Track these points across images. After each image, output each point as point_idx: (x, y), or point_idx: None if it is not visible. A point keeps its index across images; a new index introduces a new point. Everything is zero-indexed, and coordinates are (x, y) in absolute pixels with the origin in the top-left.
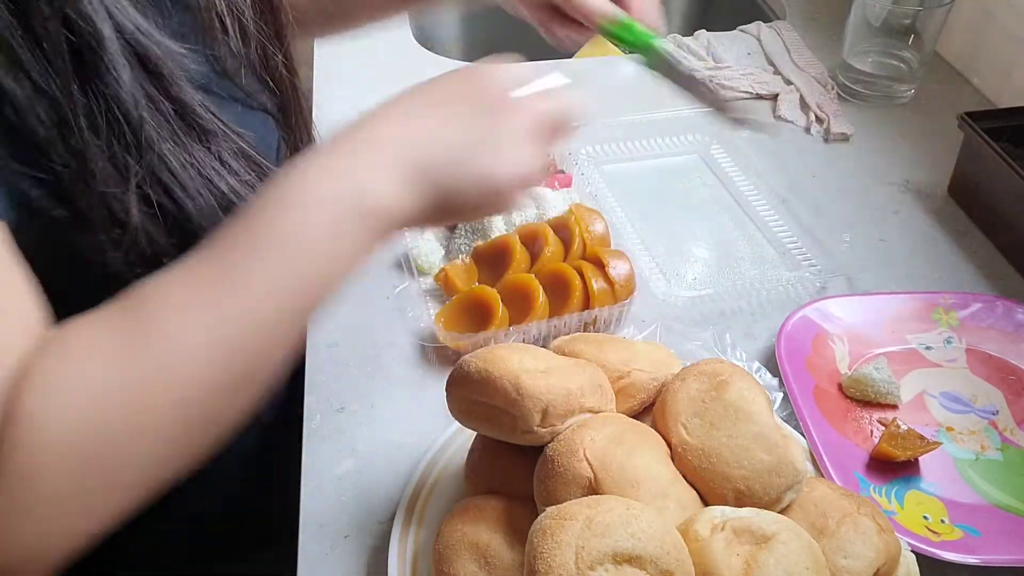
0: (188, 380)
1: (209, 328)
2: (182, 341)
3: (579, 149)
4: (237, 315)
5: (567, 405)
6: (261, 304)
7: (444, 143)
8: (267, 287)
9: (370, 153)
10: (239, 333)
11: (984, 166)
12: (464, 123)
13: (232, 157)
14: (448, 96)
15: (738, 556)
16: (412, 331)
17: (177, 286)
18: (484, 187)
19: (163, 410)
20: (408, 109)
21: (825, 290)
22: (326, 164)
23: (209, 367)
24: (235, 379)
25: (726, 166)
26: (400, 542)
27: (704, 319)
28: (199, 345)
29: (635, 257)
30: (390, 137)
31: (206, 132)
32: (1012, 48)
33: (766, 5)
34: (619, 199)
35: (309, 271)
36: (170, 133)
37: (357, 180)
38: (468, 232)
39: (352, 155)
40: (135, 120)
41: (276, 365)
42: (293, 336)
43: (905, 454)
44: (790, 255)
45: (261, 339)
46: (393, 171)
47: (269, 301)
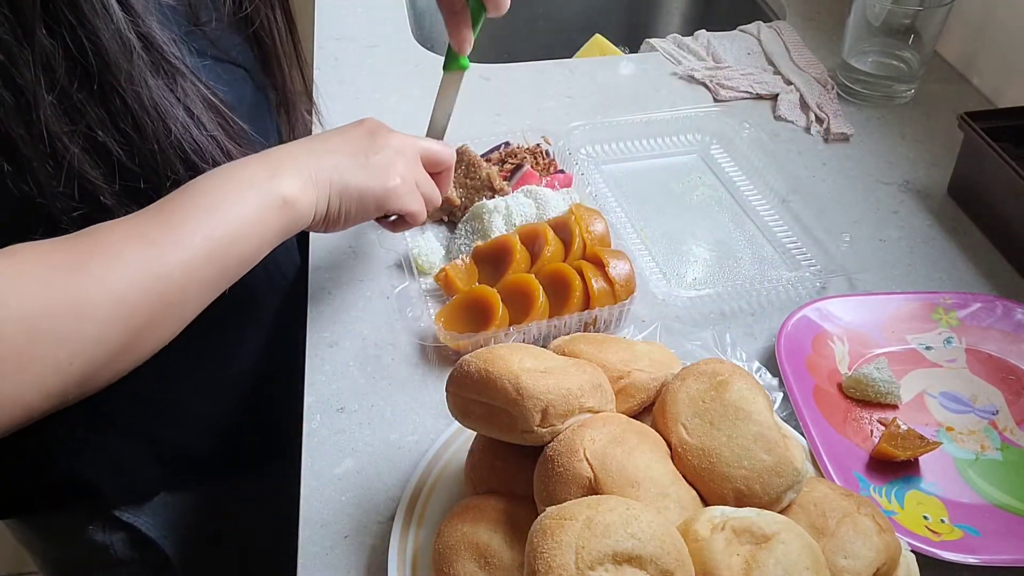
0: (127, 281)
1: (146, 260)
2: (121, 264)
3: (579, 149)
4: (171, 254)
5: (567, 405)
6: (193, 252)
7: (337, 156)
8: (199, 240)
9: (286, 163)
10: (171, 271)
11: (984, 166)
12: (354, 146)
13: (197, 104)
14: (342, 131)
15: (738, 556)
16: (412, 331)
17: (124, 225)
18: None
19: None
20: (315, 140)
21: (825, 290)
22: (255, 165)
23: (140, 291)
24: (163, 298)
25: (726, 166)
26: (400, 542)
27: (704, 319)
28: (135, 270)
29: (635, 257)
30: (300, 154)
31: (173, 71)
32: (1012, 48)
33: (766, 5)
34: (619, 199)
35: (235, 236)
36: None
37: (273, 174)
38: (468, 232)
39: (275, 162)
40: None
41: (195, 307)
42: (211, 287)
43: (905, 454)
44: (790, 255)
45: (187, 279)
46: (298, 171)
47: (200, 251)
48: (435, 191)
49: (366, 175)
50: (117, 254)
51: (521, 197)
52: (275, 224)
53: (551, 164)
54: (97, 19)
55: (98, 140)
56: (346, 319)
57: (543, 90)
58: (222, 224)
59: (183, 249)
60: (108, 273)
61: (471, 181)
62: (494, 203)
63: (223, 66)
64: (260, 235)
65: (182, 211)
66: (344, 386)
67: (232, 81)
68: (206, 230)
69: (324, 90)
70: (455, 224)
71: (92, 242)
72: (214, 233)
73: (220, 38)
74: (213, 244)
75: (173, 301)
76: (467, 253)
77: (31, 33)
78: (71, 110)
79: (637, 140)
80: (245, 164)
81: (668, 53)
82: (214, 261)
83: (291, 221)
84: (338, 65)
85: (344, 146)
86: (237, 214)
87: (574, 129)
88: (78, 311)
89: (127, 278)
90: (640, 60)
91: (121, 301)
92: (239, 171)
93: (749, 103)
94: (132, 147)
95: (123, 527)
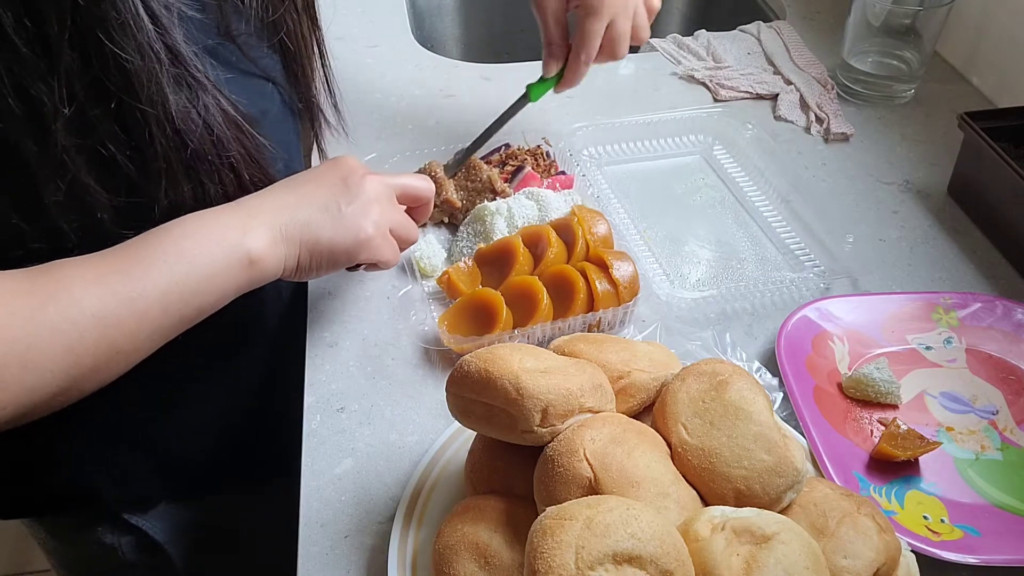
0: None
1: (104, 298)
2: (80, 301)
3: (581, 150)
4: (128, 296)
5: (567, 405)
6: (150, 303)
7: (312, 207)
8: (157, 282)
9: (254, 214)
10: (126, 311)
11: (984, 166)
12: (328, 193)
13: (217, 120)
14: (317, 176)
15: (738, 556)
16: (412, 331)
17: (87, 269)
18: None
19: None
20: (286, 186)
21: (829, 291)
22: (227, 219)
23: (97, 328)
24: (112, 346)
25: (728, 167)
26: (400, 542)
27: (707, 320)
28: (93, 308)
29: (638, 258)
30: (274, 208)
31: (196, 85)
32: (1012, 48)
33: (766, 5)
34: (621, 200)
35: (191, 282)
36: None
37: (242, 230)
38: (471, 235)
39: (243, 213)
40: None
41: (144, 350)
42: (164, 336)
43: (905, 454)
44: (793, 255)
45: (142, 321)
46: (270, 228)
47: (155, 294)
48: (412, 231)
49: (337, 230)
50: (76, 301)
51: (523, 199)
52: (239, 281)
53: (552, 166)
54: (125, 35)
55: (106, 155)
56: (346, 319)
57: None
58: (184, 278)
59: (141, 300)
60: (63, 322)
61: (472, 183)
62: (496, 205)
63: (249, 79)
64: (222, 290)
65: (147, 260)
66: (344, 386)
67: (258, 94)
68: (167, 283)
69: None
70: (456, 226)
71: (54, 284)
72: (175, 287)
73: (250, 48)
74: (172, 298)
75: (122, 349)
76: (469, 255)
77: (57, 48)
78: (84, 124)
79: (639, 141)
80: (217, 217)
81: (668, 53)
82: (170, 313)
83: (256, 278)
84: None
85: (317, 196)
86: (201, 269)
87: (576, 131)
88: (25, 360)
89: (81, 327)
90: (640, 60)
91: (70, 351)
92: (210, 224)
93: (749, 103)
94: (143, 164)
95: (131, 530)
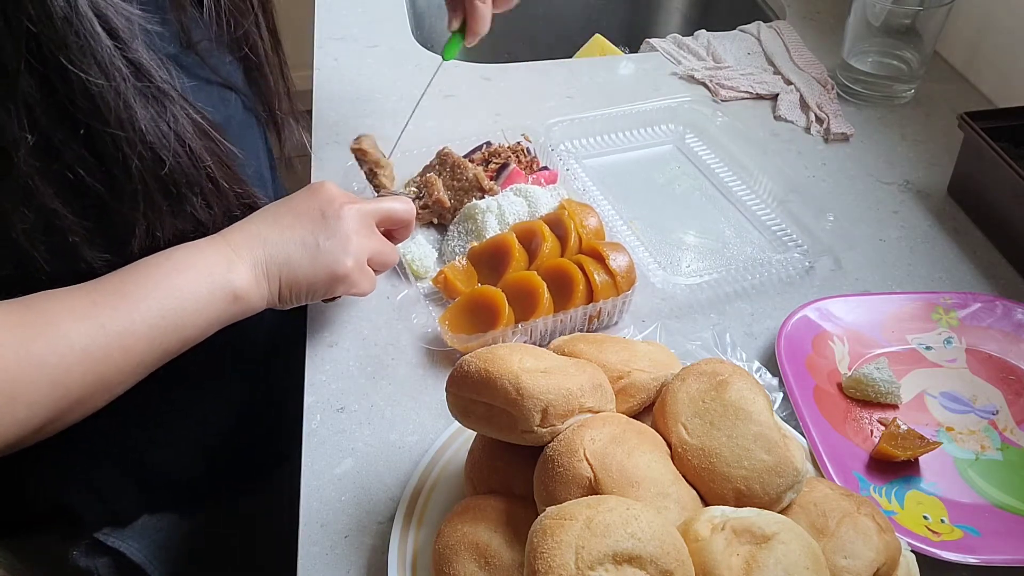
0: (66, 368)
1: (92, 333)
2: (69, 336)
3: (558, 145)
4: (117, 330)
5: (567, 405)
6: (137, 338)
7: (291, 243)
8: (145, 318)
9: (237, 249)
10: (114, 344)
11: (984, 166)
12: (307, 227)
13: (187, 130)
14: (296, 207)
15: (738, 556)
16: (413, 331)
17: (72, 296)
18: (326, 273)
19: (39, 385)
20: (267, 218)
21: (813, 269)
22: (209, 248)
23: (84, 362)
24: (99, 379)
25: (702, 154)
26: (400, 542)
27: (706, 305)
28: (81, 343)
29: (630, 249)
30: (253, 239)
31: (162, 96)
32: (1012, 48)
33: (766, 5)
34: (604, 193)
35: (177, 317)
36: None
37: (227, 267)
38: (462, 234)
39: (227, 247)
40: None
41: (129, 382)
42: (148, 365)
43: (905, 454)
44: (775, 236)
45: (128, 355)
46: (253, 265)
47: (143, 329)
48: (390, 257)
49: (316, 266)
50: (64, 335)
51: (512, 196)
52: (223, 315)
53: (534, 161)
54: (85, 57)
55: (73, 179)
56: (346, 319)
57: (543, 90)
58: (171, 313)
59: (129, 335)
60: (51, 356)
61: (458, 183)
62: (486, 203)
63: (211, 87)
64: (207, 323)
65: (135, 295)
66: (344, 386)
67: (221, 101)
68: (155, 318)
69: (324, 90)
70: (444, 226)
71: (42, 319)
72: (161, 322)
73: (210, 55)
74: (158, 332)
75: (109, 382)
76: (462, 254)
77: (13, 75)
78: (48, 150)
79: (612, 134)
80: (202, 252)
81: (668, 53)
82: (156, 347)
83: (239, 312)
84: (338, 65)
85: (295, 231)
86: (188, 305)
87: (552, 126)
88: (13, 394)
89: (68, 362)
90: (640, 60)
91: (57, 385)
92: (195, 259)
93: (749, 103)
94: (113, 185)
95: (107, 552)
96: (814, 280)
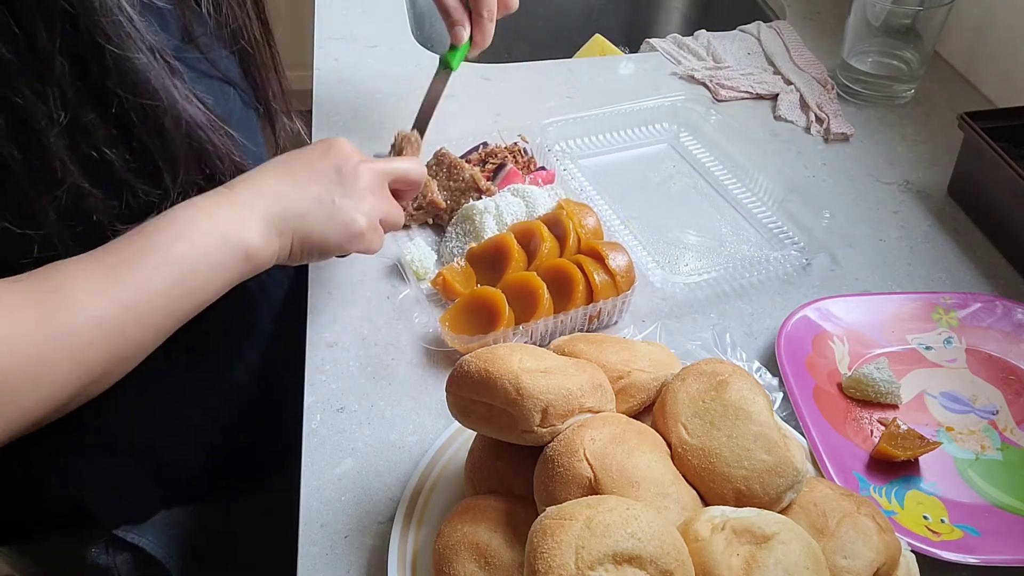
0: (86, 344)
1: (108, 307)
2: (86, 312)
3: (553, 145)
4: (132, 302)
5: (567, 405)
6: (151, 300)
7: (306, 199)
8: (156, 289)
9: (249, 205)
10: (130, 317)
11: (984, 166)
12: (322, 184)
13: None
14: (311, 162)
15: (738, 556)
16: (412, 331)
17: (87, 270)
18: (341, 231)
19: (61, 363)
20: (280, 172)
21: (810, 266)
22: (218, 207)
23: (103, 338)
24: (118, 352)
25: (697, 153)
26: (400, 542)
27: (707, 304)
28: (99, 319)
29: (628, 248)
30: (265, 194)
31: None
32: (1012, 48)
33: (766, 5)
34: (600, 192)
35: (191, 282)
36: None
37: (239, 225)
38: (460, 235)
39: (237, 204)
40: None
41: (149, 350)
42: (165, 331)
43: (905, 454)
44: (772, 234)
45: (145, 326)
46: (266, 222)
47: (157, 299)
48: (399, 218)
49: (331, 224)
50: (81, 311)
51: (509, 196)
52: (234, 274)
53: (531, 162)
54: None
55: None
56: (346, 319)
57: (543, 90)
58: (183, 279)
59: (143, 305)
60: (71, 334)
61: (454, 183)
62: (484, 204)
63: (212, 82)
64: (218, 284)
65: (146, 260)
66: (344, 386)
67: (221, 96)
68: (168, 286)
69: (324, 90)
70: (441, 227)
71: (56, 295)
72: (175, 290)
73: (209, 50)
74: (172, 300)
75: (127, 353)
76: (461, 255)
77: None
78: (78, 130)
79: (607, 133)
80: (211, 211)
81: (668, 53)
82: (171, 313)
83: (251, 271)
84: (338, 65)
85: (311, 187)
86: (200, 268)
87: (548, 126)
88: (38, 374)
89: (87, 337)
90: (640, 60)
91: (79, 362)
92: (204, 219)
93: (749, 103)
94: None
95: (126, 547)
96: (814, 280)
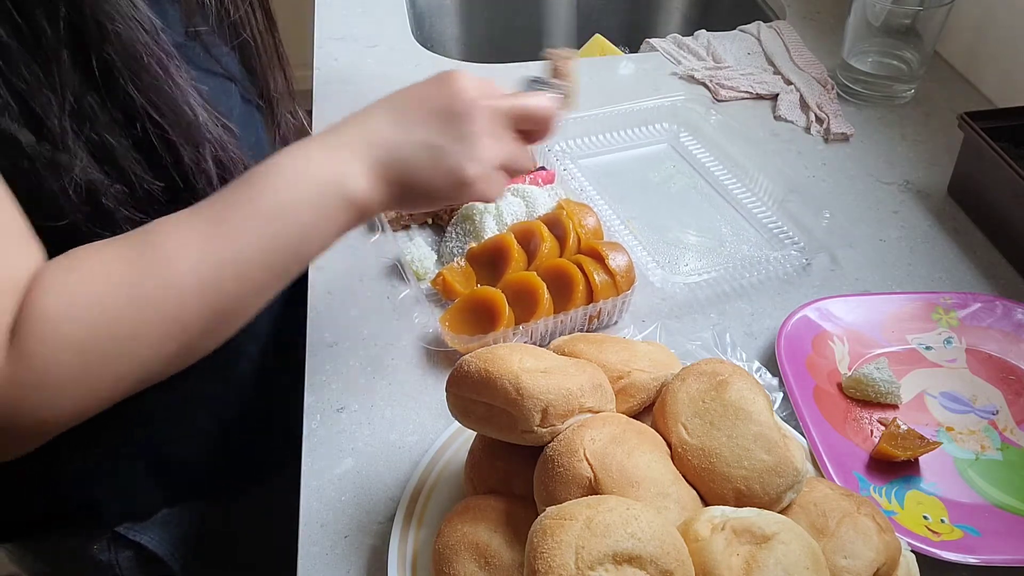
0: (180, 303)
1: (203, 264)
2: (180, 270)
3: (554, 144)
4: (229, 258)
5: (567, 405)
6: (249, 255)
7: (412, 144)
8: (256, 241)
9: (353, 149)
10: (227, 273)
11: (984, 166)
12: (431, 126)
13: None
14: (422, 101)
15: (738, 556)
16: (412, 331)
17: (182, 226)
18: (448, 180)
19: (156, 323)
20: (388, 112)
21: (810, 266)
22: (319, 152)
23: (199, 296)
24: (217, 310)
25: (697, 153)
26: (400, 542)
27: (707, 304)
28: (194, 276)
29: (628, 248)
30: (370, 137)
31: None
32: (1012, 48)
33: (766, 5)
34: (600, 192)
35: (291, 235)
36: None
37: (341, 172)
38: (460, 235)
39: (340, 148)
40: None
41: (252, 308)
42: (268, 288)
43: (905, 454)
44: (772, 234)
45: (243, 282)
46: (370, 167)
47: (255, 254)
48: (525, 162)
49: (437, 172)
50: (175, 265)
51: (509, 196)
52: (340, 226)
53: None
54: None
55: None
56: (346, 319)
57: None
58: (286, 233)
59: (243, 262)
60: (167, 293)
61: None
62: (483, 204)
63: (215, 78)
64: (324, 237)
65: (244, 215)
66: (344, 386)
67: (223, 92)
68: (269, 242)
69: (324, 90)
70: (441, 227)
71: (149, 250)
72: (278, 244)
73: (212, 46)
74: (275, 256)
75: (229, 311)
76: (461, 255)
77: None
78: (82, 114)
79: (607, 133)
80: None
81: (668, 53)
82: (274, 270)
83: (356, 220)
84: (338, 65)
85: (419, 131)
86: (302, 222)
87: None
88: (135, 334)
89: (185, 296)
90: (640, 60)
91: (174, 320)
92: (306, 168)
93: (749, 103)
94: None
95: (128, 545)
96: (814, 280)
